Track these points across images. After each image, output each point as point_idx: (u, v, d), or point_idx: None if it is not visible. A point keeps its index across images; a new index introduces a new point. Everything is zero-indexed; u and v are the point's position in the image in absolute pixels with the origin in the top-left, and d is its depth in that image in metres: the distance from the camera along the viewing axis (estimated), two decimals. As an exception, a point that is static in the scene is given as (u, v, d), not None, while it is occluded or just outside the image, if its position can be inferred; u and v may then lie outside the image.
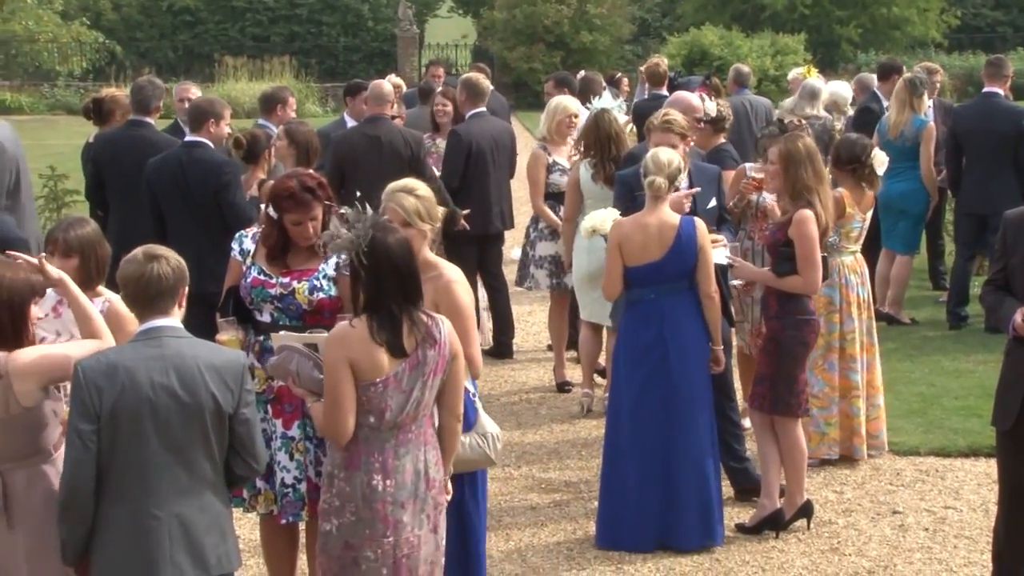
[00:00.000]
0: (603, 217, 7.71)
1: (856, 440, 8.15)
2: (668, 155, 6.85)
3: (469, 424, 5.30)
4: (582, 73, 14.32)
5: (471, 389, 5.39)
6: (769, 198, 7.87)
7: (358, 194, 5.14)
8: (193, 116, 8.57)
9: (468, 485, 5.34)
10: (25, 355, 4.56)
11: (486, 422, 5.40)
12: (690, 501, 6.93)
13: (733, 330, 7.91)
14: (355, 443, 4.76)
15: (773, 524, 7.09)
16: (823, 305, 7.89)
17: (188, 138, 8.53)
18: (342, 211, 5.07)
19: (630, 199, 7.29)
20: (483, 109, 10.82)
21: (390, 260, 4.75)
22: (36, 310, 4.78)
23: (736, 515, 7.37)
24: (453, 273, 5.43)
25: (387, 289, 4.76)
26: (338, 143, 10.02)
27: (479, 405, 5.44)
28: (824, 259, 7.15)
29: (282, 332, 5.29)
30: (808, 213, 6.94)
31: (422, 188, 5.50)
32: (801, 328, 7.10)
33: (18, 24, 37.56)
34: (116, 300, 5.24)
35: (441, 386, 4.89)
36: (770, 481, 7.15)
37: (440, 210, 5.55)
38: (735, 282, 7.43)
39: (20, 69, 37.24)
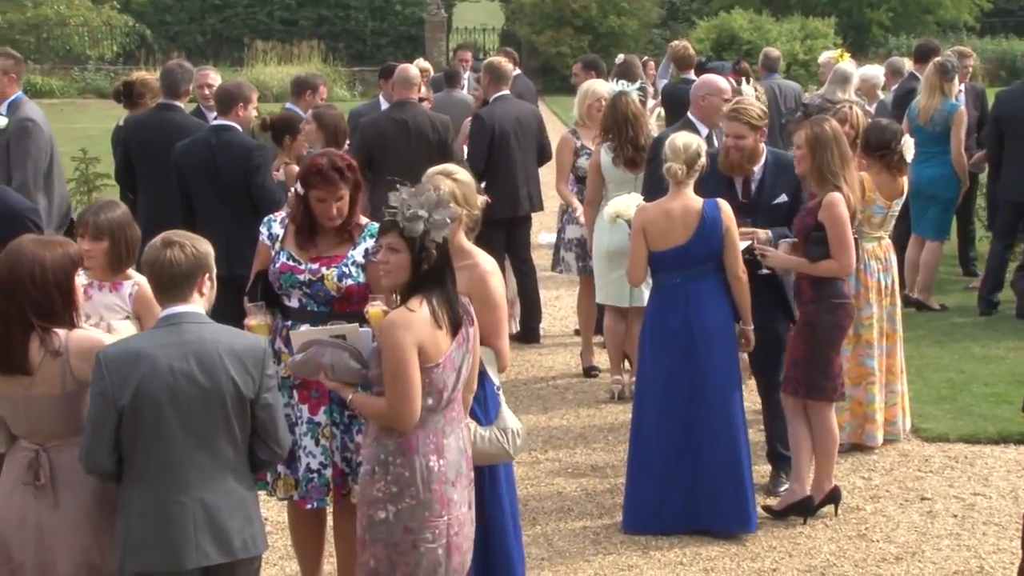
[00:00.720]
0: (627, 203, 7.70)
1: (870, 426, 8.10)
2: (686, 140, 6.85)
3: (490, 418, 5.30)
4: (621, 57, 14.22)
5: (495, 382, 5.38)
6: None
7: (391, 180, 5.13)
8: (221, 100, 8.58)
9: (489, 479, 5.33)
10: (85, 336, 4.64)
11: (507, 417, 5.39)
12: (722, 486, 6.92)
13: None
14: (412, 427, 4.80)
15: (802, 510, 7.08)
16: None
17: (216, 121, 8.55)
18: (400, 184, 5.05)
19: (658, 186, 7.26)
20: (507, 92, 10.79)
21: (446, 241, 4.84)
22: (80, 278, 4.84)
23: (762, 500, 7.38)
24: (488, 264, 5.42)
25: (447, 270, 4.84)
26: (366, 127, 10.02)
27: (502, 399, 5.43)
28: (856, 241, 7.13)
29: (302, 328, 5.28)
30: (838, 196, 6.91)
31: (461, 173, 5.49)
32: (836, 312, 7.08)
33: (49, 8, 37.71)
34: (145, 283, 5.26)
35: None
36: (801, 466, 7.14)
37: (481, 199, 5.51)
38: (764, 271, 7.40)
39: (51, 53, 37.41)
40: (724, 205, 6.86)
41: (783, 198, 7.48)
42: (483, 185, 9.75)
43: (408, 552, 4.79)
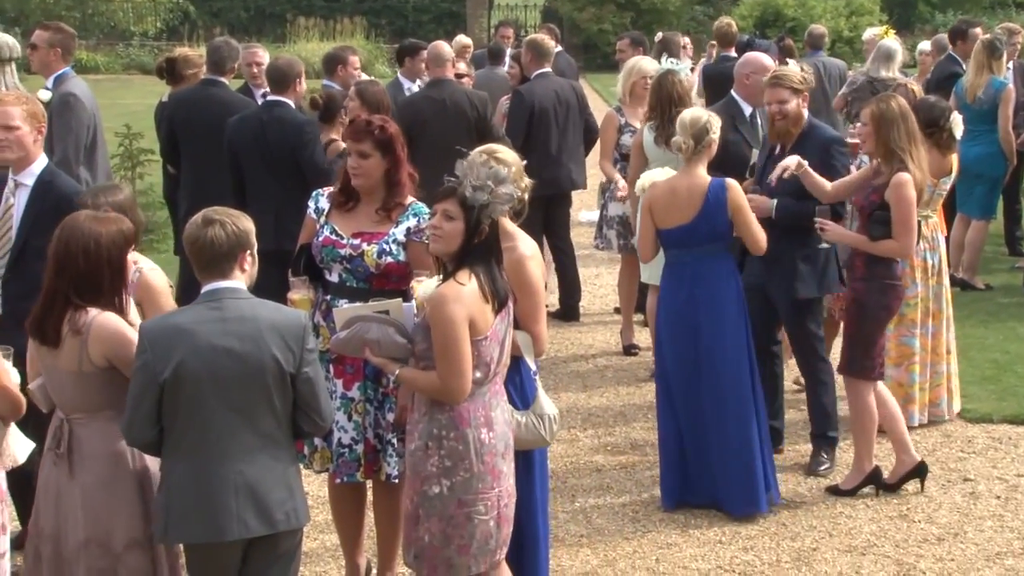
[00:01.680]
0: (658, 176, 7.68)
1: (911, 407, 8.02)
2: (694, 115, 6.88)
3: (527, 402, 5.28)
4: (660, 33, 14.16)
5: (532, 367, 5.37)
6: (865, 161, 7.77)
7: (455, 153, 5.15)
8: (277, 77, 8.63)
9: (522, 461, 5.32)
10: (107, 322, 4.63)
11: (544, 403, 5.36)
12: (730, 466, 6.92)
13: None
14: (463, 401, 4.83)
15: (916, 475, 7.15)
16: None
17: (270, 98, 8.61)
18: (463, 151, 5.06)
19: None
20: (548, 69, 10.76)
21: (497, 219, 4.87)
22: (132, 255, 4.90)
23: (790, 479, 7.36)
24: (527, 248, 5.38)
25: (495, 246, 4.87)
26: (403, 107, 9.98)
27: (539, 384, 5.41)
28: (918, 223, 7.08)
29: (344, 305, 5.27)
30: (906, 176, 6.83)
31: (505, 153, 5.45)
32: (886, 292, 7.05)
33: (95, -14, 37.97)
34: (149, 269, 5.29)
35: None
36: (898, 436, 7.15)
37: (527, 181, 5.49)
38: (823, 245, 7.36)
39: (96, 29, 37.56)
40: (732, 185, 6.83)
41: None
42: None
43: (462, 525, 4.82)
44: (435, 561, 4.87)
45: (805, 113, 7.45)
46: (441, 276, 4.90)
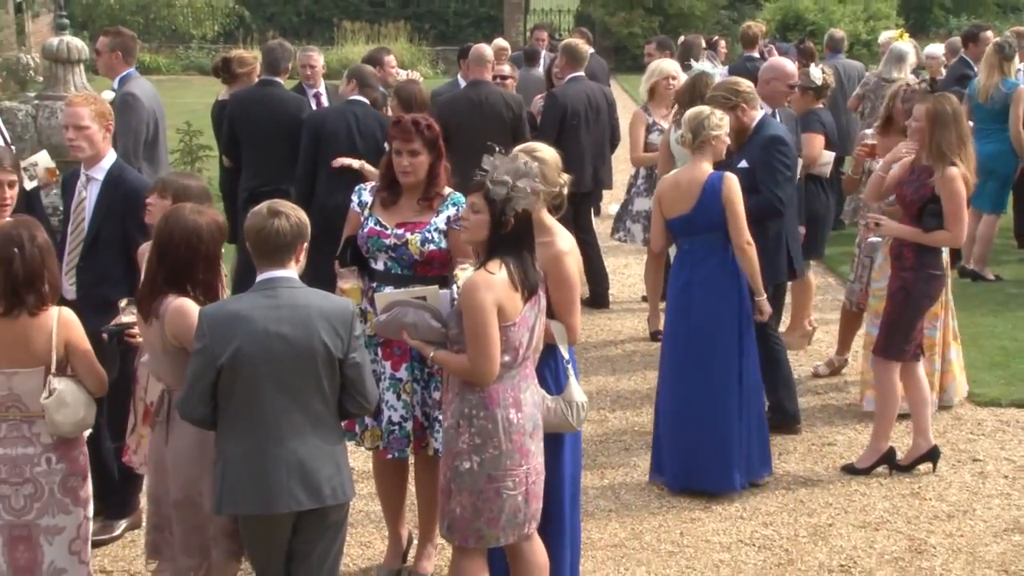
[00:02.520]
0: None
1: (932, 394, 8.01)
2: (696, 110, 6.91)
3: (560, 388, 5.26)
4: (683, 37, 14.13)
5: (565, 356, 5.36)
6: (879, 164, 7.74)
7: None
8: (360, 77, 8.73)
9: (552, 443, 5.31)
10: (180, 307, 4.69)
11: (575, 390, 5.30)
12: (702, 442, 6.87)
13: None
14: (492, 383, 4.83)
15: (930, 458, 7.11)
16: None
17: (352, 97, 8.75)
18: (496, 151, 5.07)
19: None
20: (581, 73, 10.73)
21: (528, 212, 4.85)
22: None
23: (807, 459, 7.34)
24: (564, 244, 5.36)
25: (526, 238, 4.86)
26: (442, 105, 9.99)
27: (571, 372, 5.37)
28: None
29: (386, 290, 5.29)
30: (956, 170, 6.82)
31: (545, 151, 5.42)
32: (931, 282, 7.04)
33: (158, -8, 38.16)
34: None
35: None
36: (921, 419, 7.13)
37: (565, 177, 5.44)
38: (874, 239, 7.36)
39: (158, 32, 37.71)
40: (729, 178, 6.79)
41: (744, 163, 7.43)
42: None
43: (492, 499, 4.83)
44: (466, 532, 4.90)
45: (756, 115, 7.48)
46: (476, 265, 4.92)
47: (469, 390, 4.85)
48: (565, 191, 5.43)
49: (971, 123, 10.45)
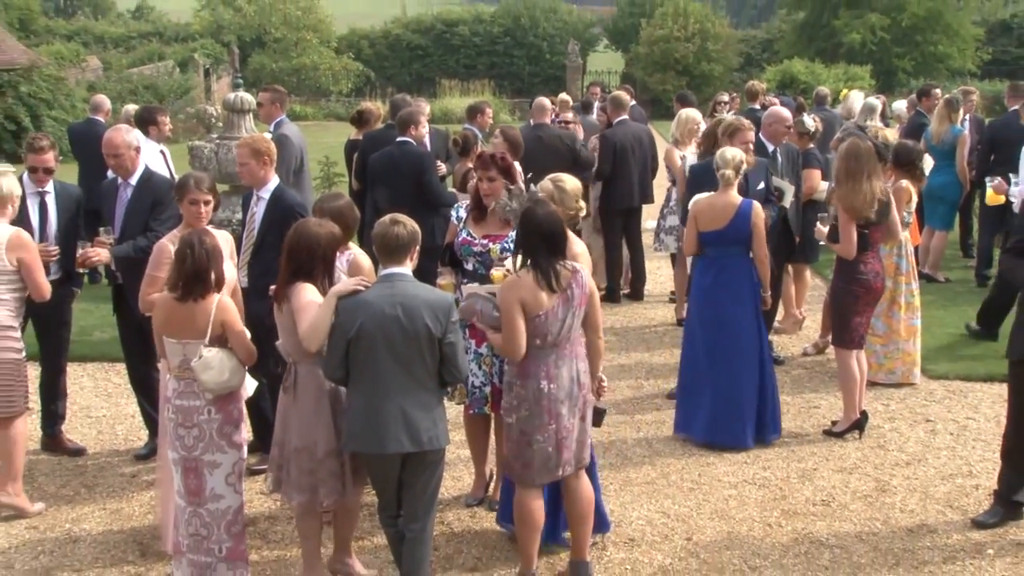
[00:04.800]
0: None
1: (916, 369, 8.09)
2: (733, 152, 6.75)
3: None
4: (717, 95, 13.95)
5: None
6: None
7: (528, 175, 5.16)
8: (401, 122, 8.76)
9: None
10: (301, 293, 4.67)
11: None
12: (723, 407, 6.79)
13: None
14: (527, 359, 4.77)
15: (858, 426, 6.98)
16: (892, 270, 7.76)
17: (398, 138, 8.71)
18: (510, 187, 5.09)
19: (698, 186, 7.19)
20: (626, 116, 10.68)
21: (537, 225, 4.75)
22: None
23: (796, 420, 7.26)
24: (578, 247, 5.26)
25: (536, 244, 4.75)
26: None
27: None
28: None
29: (470, 285, 5.28)
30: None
31: (566, 181, 5.33)
32: (851, 284, 6.88)
33: (307, 58, 38.51)
34: (358, 253, 5.33)
35: (584, 314, 4.89)
36: (849, 396, 6.99)
37: (581, 203, 5.33)
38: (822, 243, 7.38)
39: (306, 88, 38.14)
40: (757, 206, 6.74)
41: (761, 185, 7.50)
42: (602, 184, 9.79)
43: (525, 448, 4.82)
44: (511, 471, 4.93)
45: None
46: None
47: (512, 364, 4.84)
48: (581, 214, 5.35)
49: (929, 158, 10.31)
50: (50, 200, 6.52)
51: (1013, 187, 9.02)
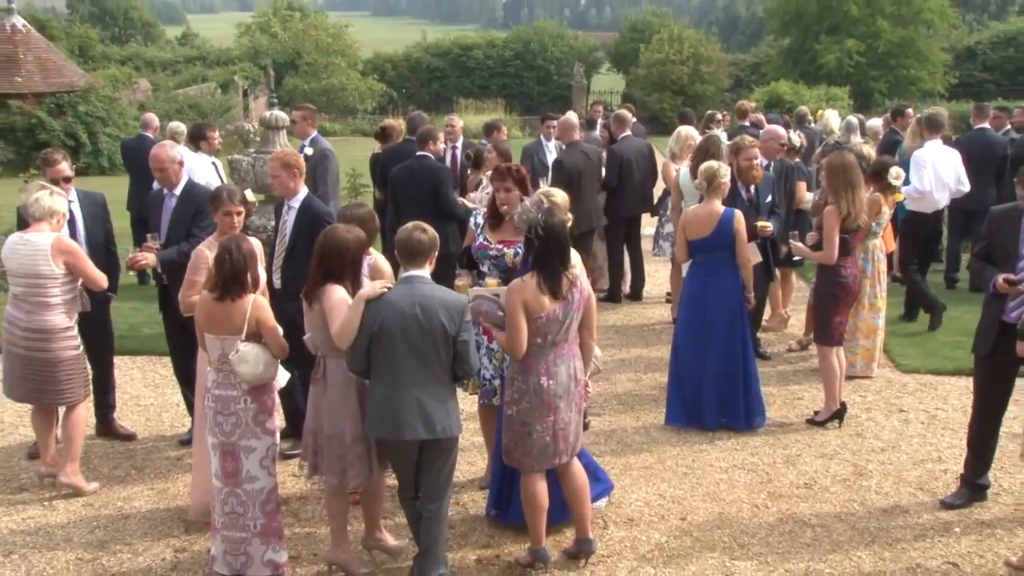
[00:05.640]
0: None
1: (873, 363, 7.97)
2: (709, 164, 6.82)
3: None
4: (709, 112, 13.93)
5: None
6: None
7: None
8: (420, 138, 8.75)
9: None
10: (330, 294, 4.66)
11: (596, 350, 5.25)
12: (711, 396, 6.79)
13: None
14: (528, 357, 4.76)
15: (838, 416, 6.94)
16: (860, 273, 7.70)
17: (418, 152, 8.67)
18: (523, 200, 5.08)
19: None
20: (629, 133, 10.67)
21: (555, 234, 4.74)
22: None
23: (781, 410, 7.22)
24: (572, 254, 5.28)
25: (552, 252, 4.74)
26: (564, 158, 9.85)
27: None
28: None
29: (474, 288, 5.24)
30: (832, 208, 6.79)
31: (557, 195, 5.23)
32: (831, 287, 6.92)
33: (335, 80, 38.56)
34: (379, 257, 5.31)
35: (582, 318, 4.87)
36: (830, 388, 6.97)
37: (569, 215, 5.19)
38: (795, 258, 7.31)
39: (335, 107, 38.13)
40: (739, 215, 6.73)
41: (769, 198, 7.52)
42: (608, 194, 9.77)
43: (526, 437, 4.80)
44: (511, 459, 4.92)
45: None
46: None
47: (514, 360, 4.82)
48: (568, 224, 5.22)
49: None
50: (75, 207, 6.47)
51: (907, 187, 8.96)
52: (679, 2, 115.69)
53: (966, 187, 9.75)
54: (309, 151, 8.36)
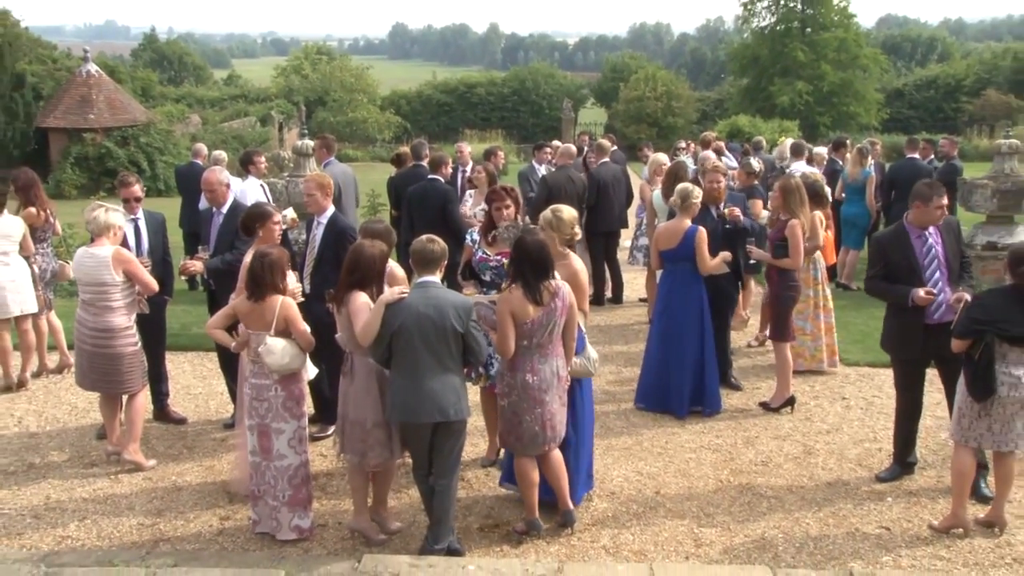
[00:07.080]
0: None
1: (823, 357, 7.95)
2: (684, 187, 6.81)
3: (580, 348, 5.12)
4: (679, 142, 13.99)
5: (583, 329, 5.27)
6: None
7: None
8: (432, 163, 8.76)
9: (578, 389, 5.19)
10: (355, 300, 4.64)
11: (590, 350, 5.18)
12: (680, 384, 6.77)
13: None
14: (516, 356, 4.73)
15: (790, 402, 6.94)
16: (811, 281, 7.69)
17: (429, 176, 8.68)
18: (507, 223, 5.07)
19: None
20: (607, 159, 10.66)
21: (527, 251, 4.70)
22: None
23: (742, 399, 7.22)
24: (578, 263, 5.23)
25: (524, 266, 4.70)
26: (549, 179, 9.90)
27: (587, 340, 5.24)
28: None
29: (475, 296, 5.21)
30: (796, 222, 6.82)
31: (563, 211, 5.23)
32: (787, 290, 6.96)
33: (358, 114, 38.55)
34: (394, 266, 5.26)
35: (564, 323, 4.85)
36: (783, 378, 6.95)
37: (577, 229, 5.22)
38: (752, 262, 7.28)
39: (356, 137, 38.11)
40: (701, 230, 6.71)
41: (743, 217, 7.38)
42: (589, 212, 9.78)
43: (516, 426, 4.79)
44: (506, 443, 4.91)
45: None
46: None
47: (504, 359, 4.78)
48: (576, 238, 5.26)
49: (843, 194, 10.40)
50: (141, 224, 6.53)
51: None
52: (653, 47, 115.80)
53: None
54: (328, 177, 8.38)
